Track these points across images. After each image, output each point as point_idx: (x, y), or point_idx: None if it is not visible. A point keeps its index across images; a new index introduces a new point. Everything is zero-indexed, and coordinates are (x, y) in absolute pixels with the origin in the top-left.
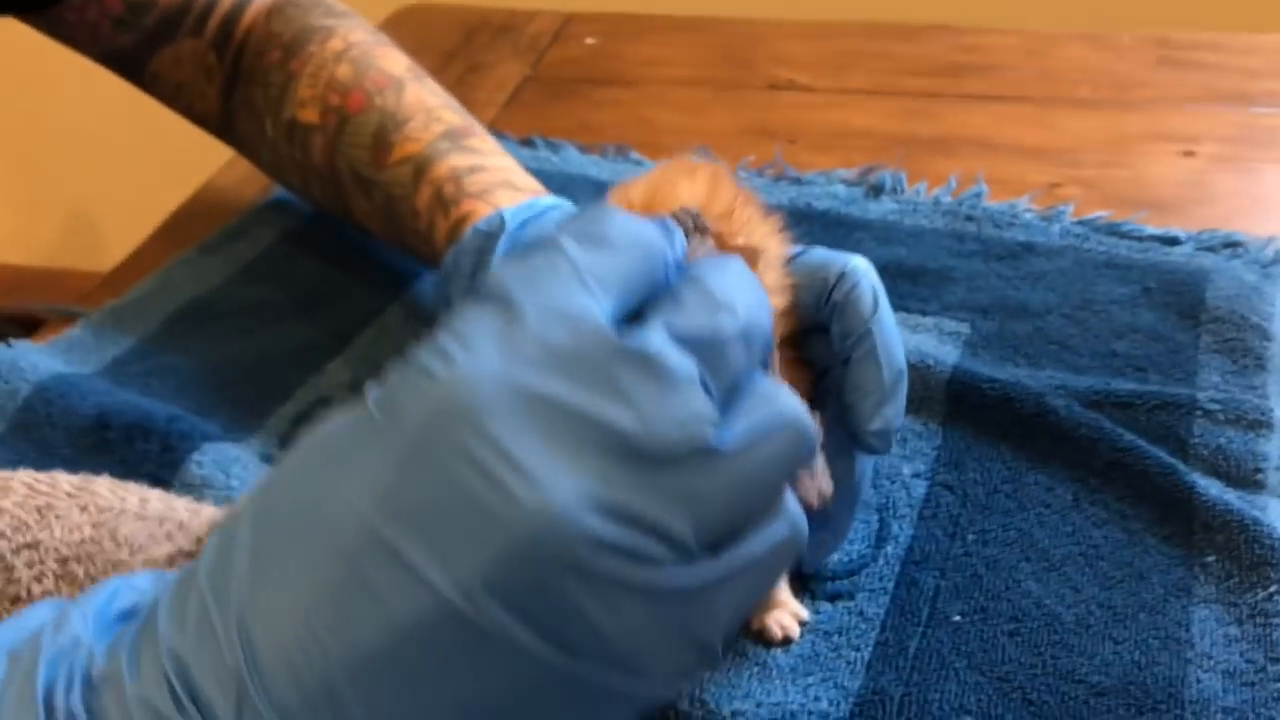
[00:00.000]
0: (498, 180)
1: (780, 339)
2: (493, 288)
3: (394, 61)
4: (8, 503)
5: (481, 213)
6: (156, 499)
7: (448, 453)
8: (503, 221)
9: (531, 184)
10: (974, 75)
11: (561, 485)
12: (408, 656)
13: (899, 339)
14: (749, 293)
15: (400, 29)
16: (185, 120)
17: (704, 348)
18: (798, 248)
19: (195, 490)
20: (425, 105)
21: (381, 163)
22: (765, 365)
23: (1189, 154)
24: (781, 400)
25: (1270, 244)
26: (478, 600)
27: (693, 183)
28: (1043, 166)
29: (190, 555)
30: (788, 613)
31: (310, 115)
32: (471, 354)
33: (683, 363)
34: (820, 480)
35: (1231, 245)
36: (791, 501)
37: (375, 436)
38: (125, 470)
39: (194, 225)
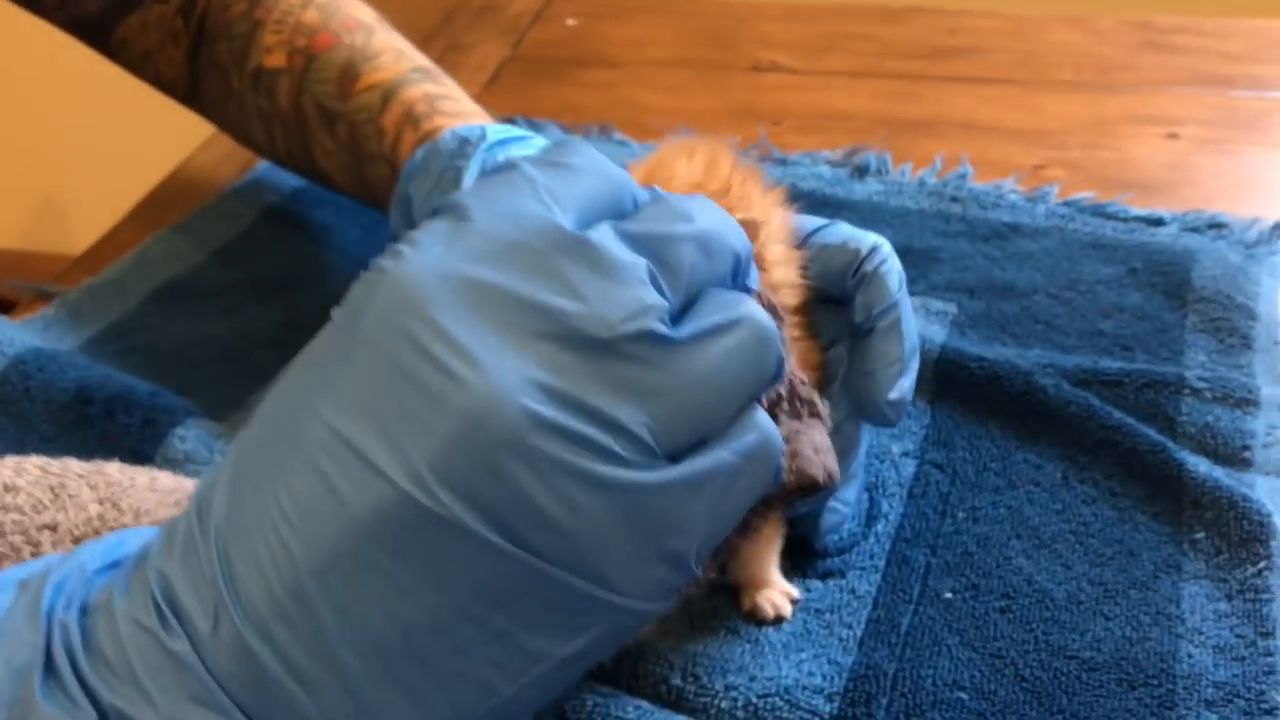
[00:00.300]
0: (472, 110)
1: (791, 309)
2: (448, 202)
3: (362, 10)
4: (23, 481)
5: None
6: (166, 477)
7: (396, 342)
8: (484, 134)
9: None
10: (957, 58)
11: (504, 367)
12: (367, 551)
13: (914, 319)
14: (711, 211)
15: (377, 9)
16: (152, 106)
17: (655, 248)
18: (822, 221)
19: (178, 466)
20: (395, 46)
21: (347, 92)
22: (744, 289)
23: (1173, 136)
24: (744, 304)
25: (1254, 225)
26: (428, 486)
27: (690, 161)
28: (1027, 148)
29: None
30: (779, 591)
31: (277, 60)
32: (419, 251)
33: (630, 256)
34: (826, 458)
35: (1216, 226)
36: (761, 412)
37: (335, 340)
38: (105, 445)
39: (170, 206)
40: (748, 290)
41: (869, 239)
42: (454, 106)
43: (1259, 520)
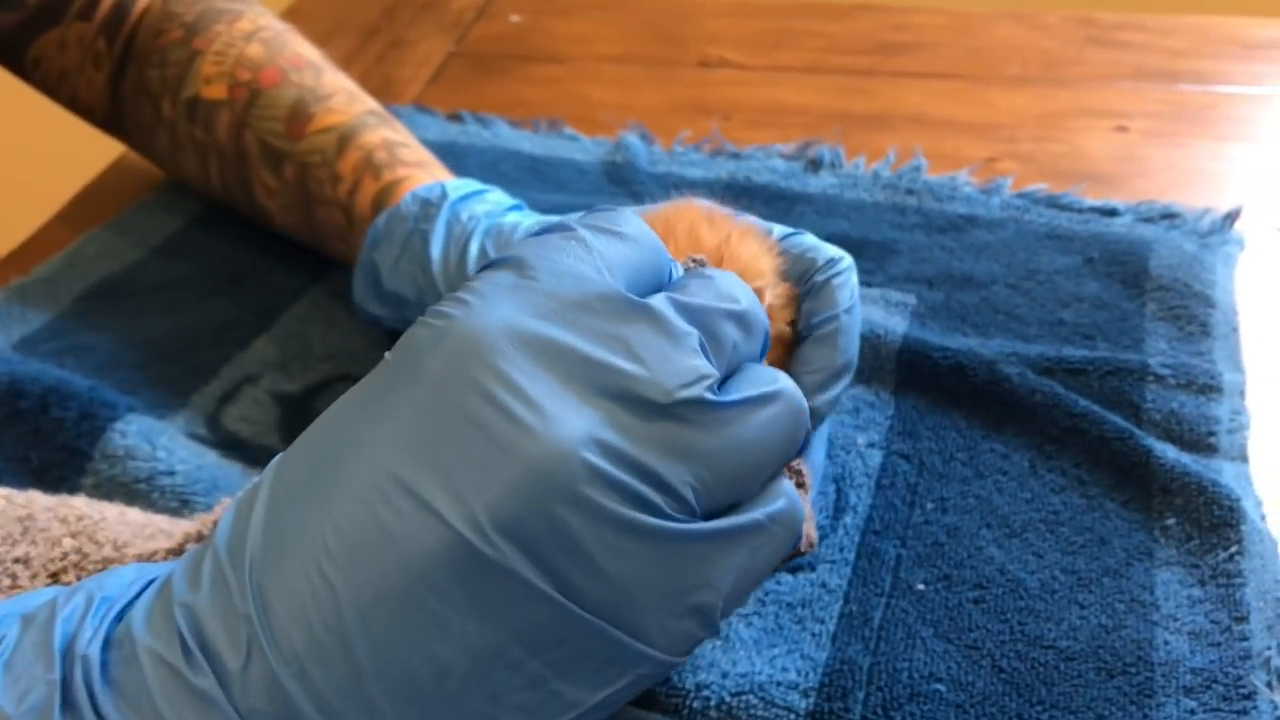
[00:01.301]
0: (430, 159)
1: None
2: (507, 256)
3: (307, 47)
4: None
5: (418, 181)
6: (135, 512)
7: (463, 389)
8: (444, 192)
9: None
10: (905, 53)
11: (570, 420)
12: (416, 592)
13: (858, 341)
14: (748, 292)
15: (317, 6)
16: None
17: (705, 321)
18: (790, 230)
19: (118, 462)
20: (346, 87)
21: (298, 133)
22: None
23: (1121, 129)
24: (780, 379)
25: (1206, 215)
26: (486, 532)
27: (676, 239)
28: (978, 141)
29: (183, 552)
30: None
31: (216, 91)
32: (486, 301)
33: (685, 326)
34: (809, 525)
35: (1169, 216)
36: (787, 482)
37: (394, 382)
38: (38, 441)
39: (103, 202)
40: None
41: (830, 252)
42: (413, 155)
43: (1228, 505)
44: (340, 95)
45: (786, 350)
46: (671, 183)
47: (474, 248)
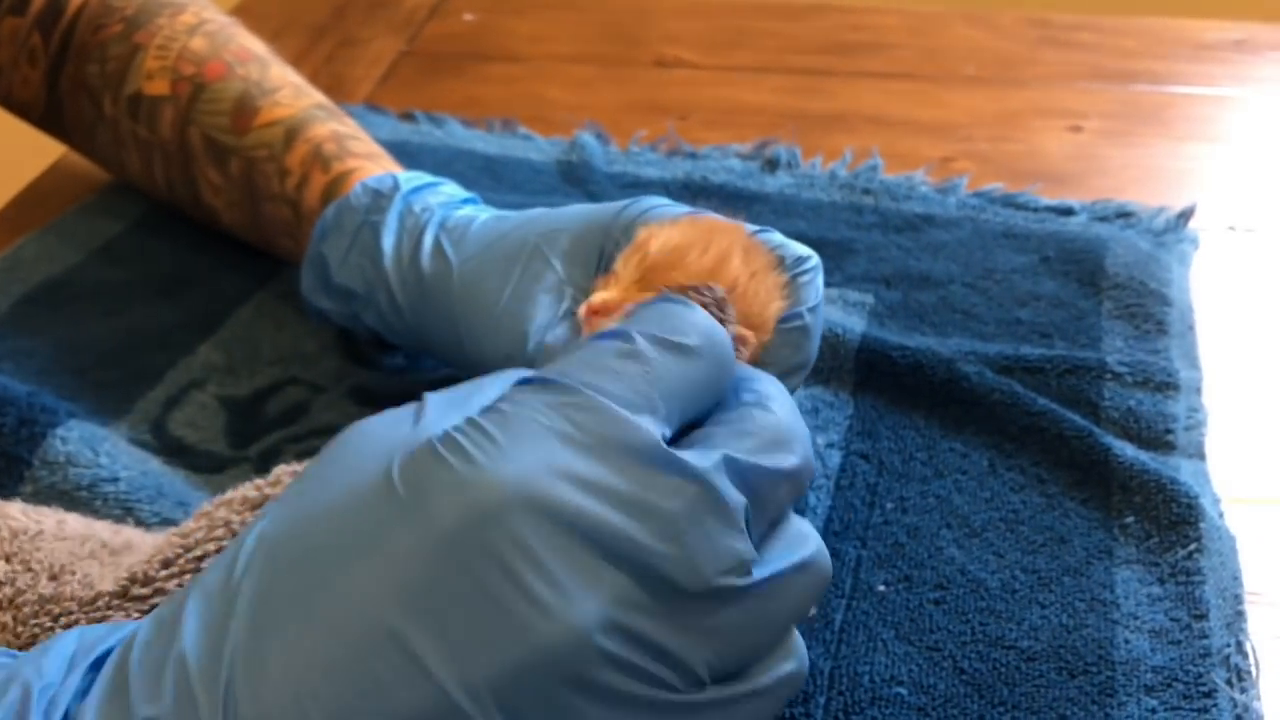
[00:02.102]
0: (379, 151)
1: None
2: (549, 375)
3: (252, 40)
4: None
5: (368, 172)
6: (74, 520)
7: (478, 553)
8: (396, 183)
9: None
10: (861, 54)
11: (586, 601)
12: None
13: (819, 338)
14: (804, 429)
15: (265, 4)
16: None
17: (756, 486)
18: (756, 228)
19: (59, 469)
20: (293, 81)
21: (244, 128)
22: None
23: (1076, 129)
24: (812, 543)
25: (1161, 214)
26: (483, 703)
27: (702, 254)
28: (935, 141)
29: (128, 596)
30: None
31: (159, 87)
32: (516, 445)
33: (735, 498)
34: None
35: (1124, 215)
36: (799, 640)
37: (402, 522)
38: None
39: (41, 205)
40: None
41: (798, 250)
42: (363, 147)
43: (1186, 503)
44: (287, 89)
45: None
46: (627, 182)
47: (428, 240)
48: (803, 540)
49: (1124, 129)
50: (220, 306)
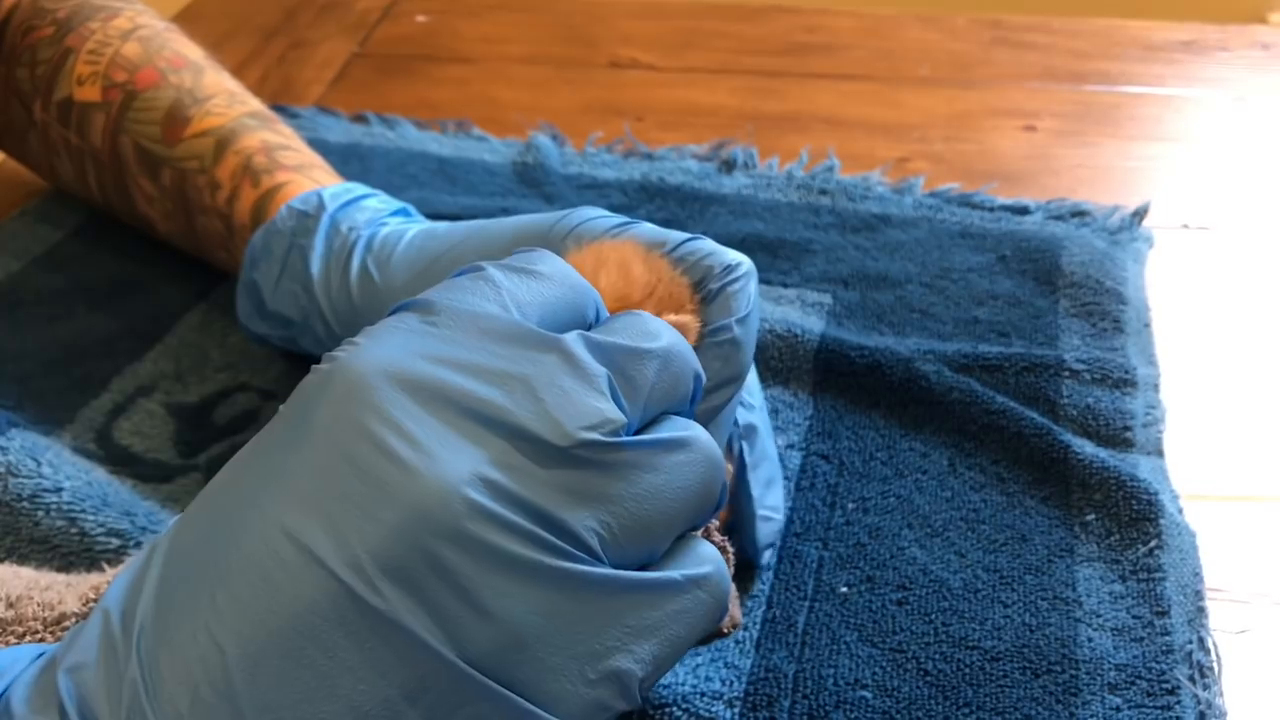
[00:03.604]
0: (312, 161)
1: None
2: (412, 300)
3: (188, 46)
4: None
5: (299, 186)
6: (28, 571)
7: (347, 433)
8: (321, 201)
9: (341, 178)
10: (816, 55)
11: (453, 460)
12: (300, 646)
13: (751, 348)
14: (673, 333)
15: (215, 6)
16: None
17: (619, 361)
18: (686, 235)
19: (0, 480)
20: (227, 88)
21: (174, 138)
22: (690, 416)
23: (1030, 129)
24: (694, 428)
25: (1116, 212)
26: (368, 575)
27: (607, 272)
28: (890, 142)
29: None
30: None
31: (90, 93)
32: (375, 342)
33: (594, 366)
34: (733, 604)
35: (1079, 214)
36: (709, 546)
37: (285, 435)
38: None
39: None
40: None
41: (728, 257)
42: (294, 158)
43: (1146, 499)
44: (220, 97)
45: None
46: (583, 184)
47: (355, 265)
48: (684, 426)
49: (1077, 129)
50: (166, 313)
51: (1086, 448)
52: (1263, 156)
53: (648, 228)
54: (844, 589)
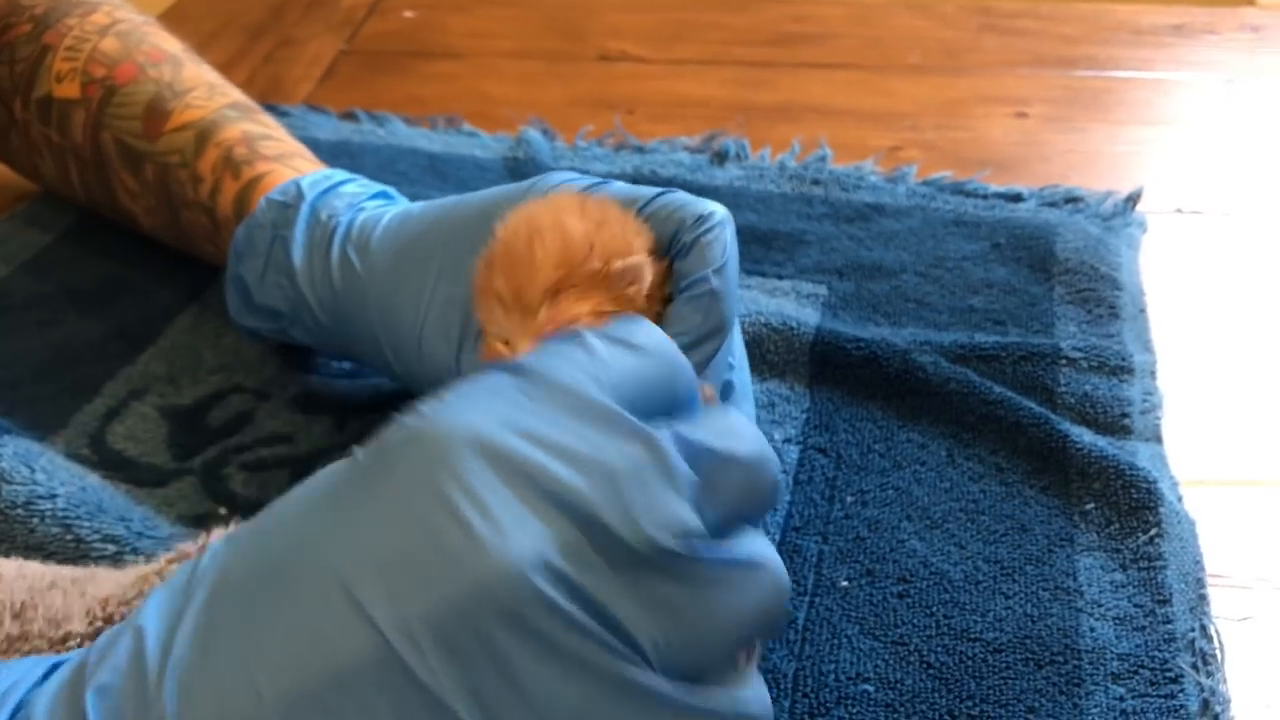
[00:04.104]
0: (293, 150)
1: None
2: (508, 362)
3: (168, 40)
4: None
5: (279, 176)
6: (34, 564)
7: (422, 495)
8: (299, 191)
9: (323, 164)
10: (806, 44)
11: (526, 541)
12: (338, 703)
13: (733, 297)
14: (759, 440)
15: (201, 4)
16: None
17: (707, 465)
18: (658, 189)
19: None
20: (207, 80)
21: (155, 132)
22: (759, 525)
23: (1021, 115)
24: (769, 552)
25: (1108, 198)
26: (418, 642)
27: (543, 242)
28: (882, 130)
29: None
30: None
31: (69, 89)
32: (464, 402)
33: (682, 467)
34: None
35: (1072, 200)
36: (761, 680)
37: (359, 482)
38: None
39: None
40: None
41: (701, 207)
42: (275, 148)
43: (1145, 488)
44: (200, 89)
45: (659, 313)
46: None
47: (335, 254)
48: (759, 544)
49: (1067, 114)
50: (158, 315)
51: (1085, 436)
52: (1253, 139)
53: (619, 186)
54: (844, 583)
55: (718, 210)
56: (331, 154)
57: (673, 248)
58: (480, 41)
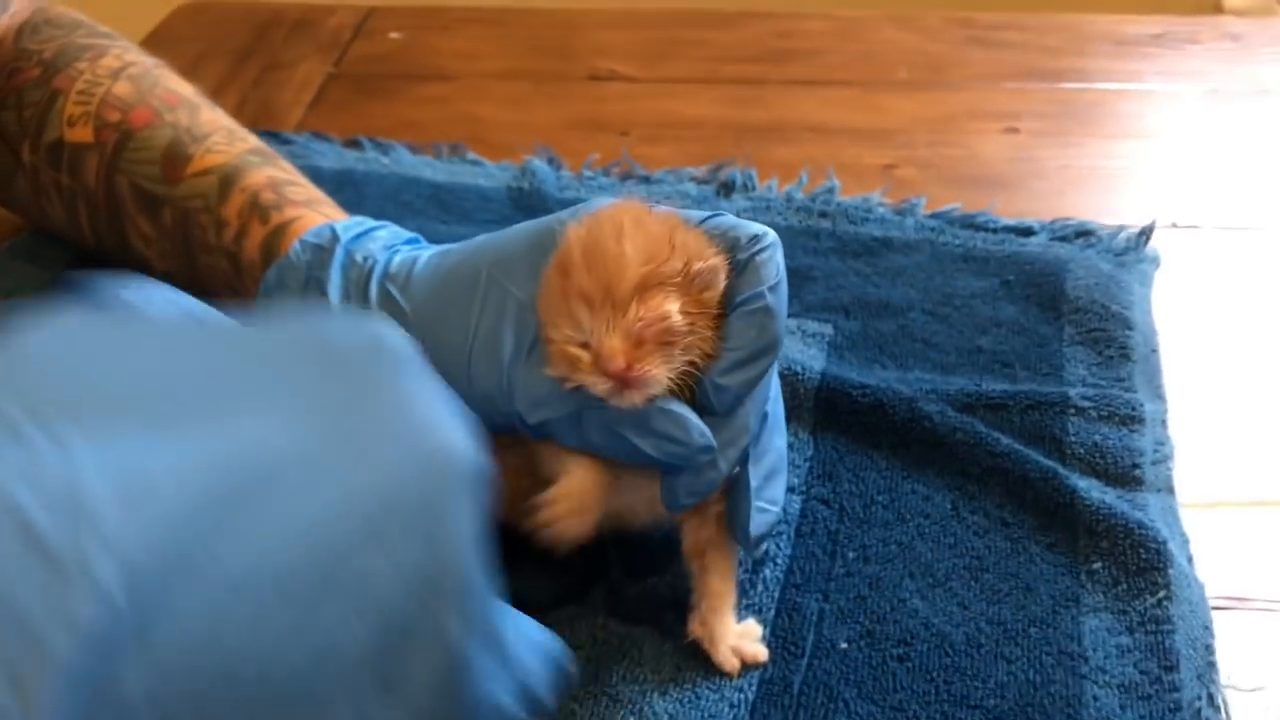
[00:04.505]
0: (319, 197)
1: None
2: None
3: (180, 83)
4: None
5: (309, 221)
6: None
7: None
8: (334, 234)
9: (347, 214)
10: (794, 61)
11: None
12: None
13: (784, 318)
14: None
15: (184, 28)
16: None
17: None
18: (709, 212)
19: None
20: (225, 125)
21: (176, 177)
22: None
23: (1012, 130)
24: None
25: (1121, 232)
26: None
27: (631, 237)
28: (876, 148)
29: None
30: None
31: (82, 134)
32: None
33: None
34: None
35: (1084, 234)
36: None
37: None
38: None
39: None
40: None
41: (754, 228)
42: (302, 194)
43: (1155, 548)
44: (219, 134)
45: (715, 328)
46: None
47: (374, 290)
48: None
49: (1058, 129)
50: None
51: (1094, 490)
52: (1239, 150)
53: (674, 210)
54: (844, 645)
55: (769, 232)
56: (335, 183)
57: (729, 265)
58: (468, 63)
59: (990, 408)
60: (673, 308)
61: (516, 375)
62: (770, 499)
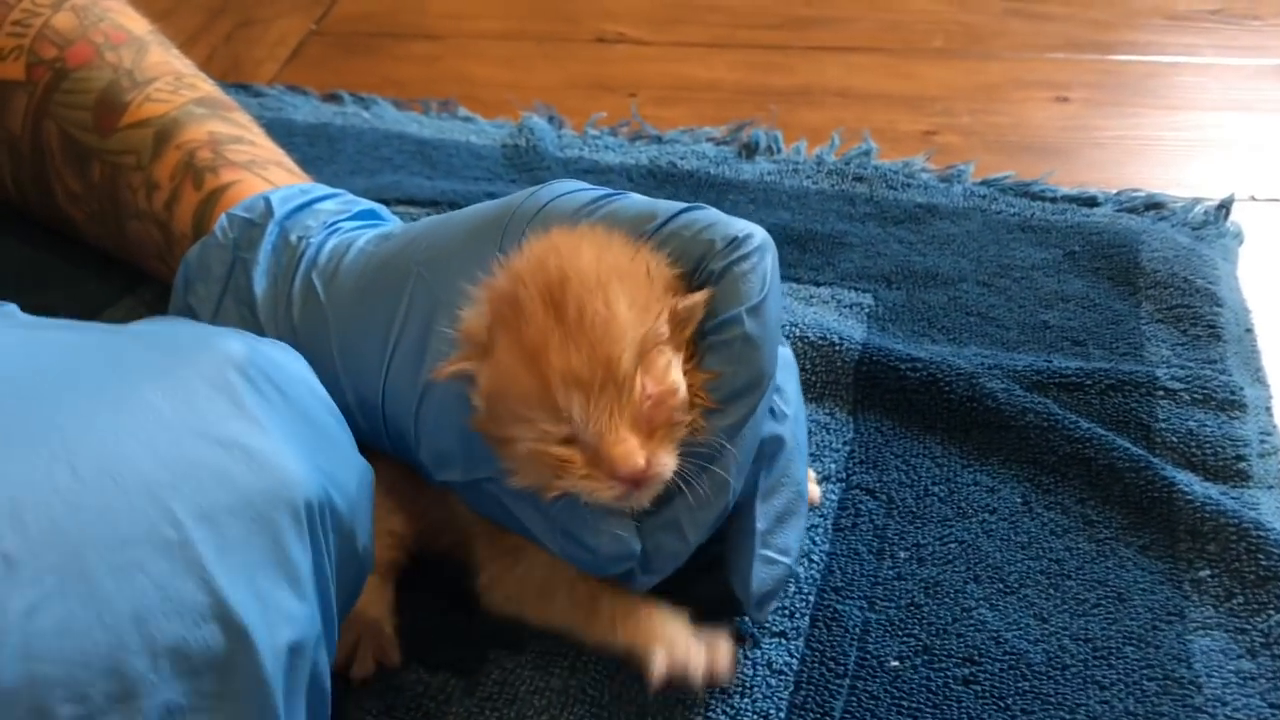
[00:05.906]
0: (269, 157)
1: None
2: None
3: (133, 19)
4: None
5: (248, 188)
6: None
7: None
8: (268, 206)
9: (304, 175)
10: (818, 27)
11: None
12: None
13: (774, 341)
14: None
15: None
16: None
17: None
18: (682, 205)
19: None
20: (174, 69)
21: (108, 127)
22: None
23: (1063, 100)
24: None
25: (1198, 205)
26: None
27: (622, 297)
28: (912, 115)
29: None
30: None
31: (12, 70)
32: None
33: None
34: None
35: (1155, 206)
36: None
37: None
38: None
39: None
40: None
41: (734, 228)
42: (245, 153)
43: (1277, 553)
44: (165, 79)
45: (691, 359)
46: (583, 168)
47: (298, 280)
48: None
49: (1113, 99)
50: (85, 309)
51: (1194, 483)
52: None
53: (634, 199)
54: (894, 662)
55: (755, 233)
56: (308, 137)
57: (699, 275)
58: (460, 23)
59: (1064, 387)
60: (679, 376)
61: (425, 421)
62: (781, 548)
